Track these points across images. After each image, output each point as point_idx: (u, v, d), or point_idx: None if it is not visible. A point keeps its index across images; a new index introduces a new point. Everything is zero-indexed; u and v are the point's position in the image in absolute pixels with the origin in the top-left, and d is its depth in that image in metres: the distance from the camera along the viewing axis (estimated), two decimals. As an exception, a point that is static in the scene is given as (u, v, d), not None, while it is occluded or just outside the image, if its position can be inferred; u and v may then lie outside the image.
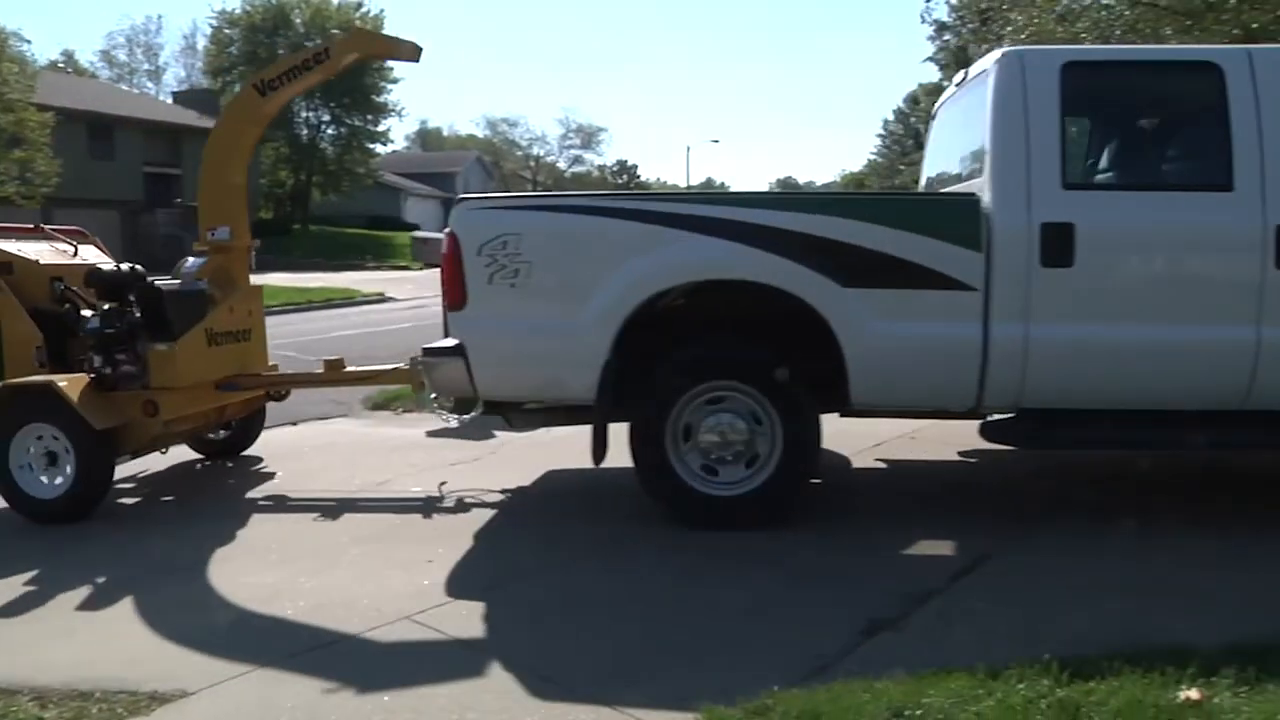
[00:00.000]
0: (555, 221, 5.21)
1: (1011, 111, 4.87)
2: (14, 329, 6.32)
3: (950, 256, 4.79)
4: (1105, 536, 4.97)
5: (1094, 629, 3.79)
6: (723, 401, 5.09)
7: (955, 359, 4.88)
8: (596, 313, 5.00)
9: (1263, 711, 3.06)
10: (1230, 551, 4.74)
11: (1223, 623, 3.82)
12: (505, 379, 5.35)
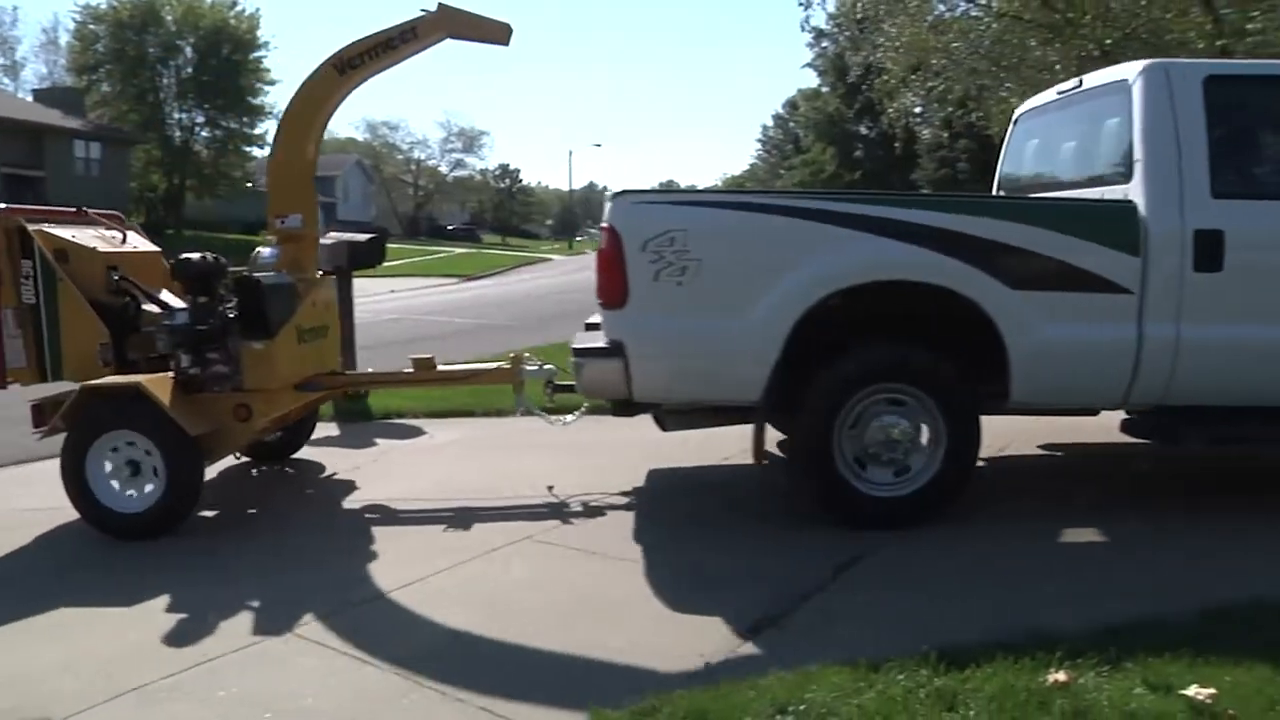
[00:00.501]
0: (726, 218, 5.07)
1: (1161, 122, 5.01)
2: (75, 324, 5.72)
3: (1110, 261, 4.91)
4: (979, 528, 5.13)
5: (969, 618, 3.91)
6: (890, 404, 5.06)
7: (1112, 359, 5.01)
8: (767, 313, 4.88)
9: (1121, 688, 3.21)
10: (1099, 541, 4.97)
11: (1087, 608, 3.98)
12: (665, 380, 5.15)
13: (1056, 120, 6.46)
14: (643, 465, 6.57)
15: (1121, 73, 5.40)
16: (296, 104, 6.12)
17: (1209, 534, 5.05)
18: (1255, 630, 3.67)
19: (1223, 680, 3.22)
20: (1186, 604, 3.97)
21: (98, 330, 5.71)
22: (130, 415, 5.32)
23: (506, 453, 7.17)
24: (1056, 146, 6.43)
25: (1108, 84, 5.54)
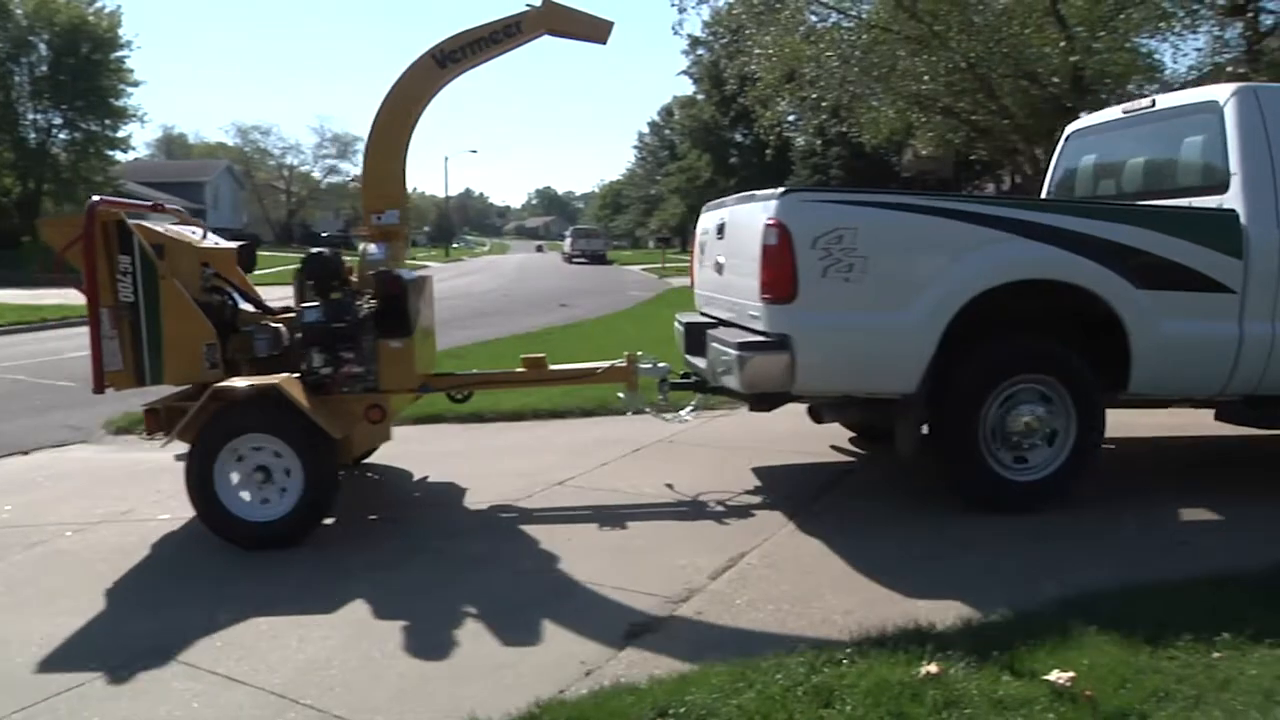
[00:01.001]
0: (891, 218, 5.26)
1: (1255, 138, 5.48)
2: (179, 323, 5.35)
3: (1220, 264, 5.35)
4: (855, 527, 5.26)
5: (845, 614, 4.00)
6: (1027, 394, 5.37)
7: (1217, 353, 5.45)
8: (926, 308, 5.14)
9: (989, 677, 3.33)
10: (975, 535, 5.11)
11: (958, 600, 4.11)
12: (828, 372, 5.29)
13: (1120, 137, 6.92)
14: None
15: (1208, 94, 5.89)
16: (393, 97, 5.95)
17: (1068, 528, 5.26)
18: (1111, 617, 3.83)
19: (1081, 664, 3.37)
20: (1050, 593, 4.14)
21: (204, 330, 5.39)
22: (267, 418, 5.10)
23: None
24: (1121, 160, 6.85)
25: (1190, 104, 6.04)
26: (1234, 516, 5.38)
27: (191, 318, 5.37)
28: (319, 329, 5.43)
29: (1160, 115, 6.42)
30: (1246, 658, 3.51)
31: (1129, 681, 3.30)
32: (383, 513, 5.92)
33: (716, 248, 6.21)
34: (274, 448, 5.12)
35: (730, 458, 6.91)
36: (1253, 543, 4.85)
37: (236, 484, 5.13)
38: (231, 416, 5.11)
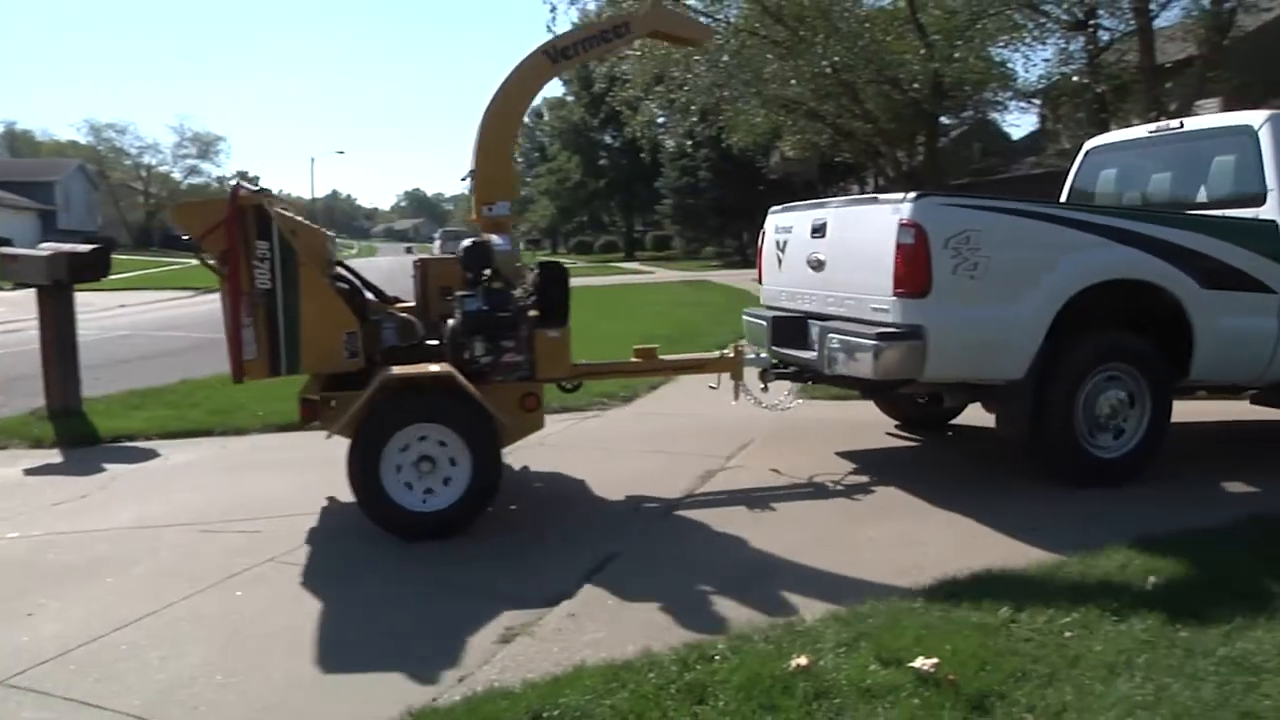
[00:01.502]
0: (1009, 222, 5.79)
1: None
2: (319, 311, 5.19)
3: (1265, 267, 6.07)
4: (722, 523, 5.33)
5: (716, 610, 4.05)
6: (1109, 381, 5.96)
7: (1261, 345, 6.15)
8: (1036, 304, 5.70)
9: (857, 666, 3.41)
10: (842, 531, 5.23)
11: (823, 593, 4.20)
12: (954, 360, 5.76)
13: (1145, 153, 7.59)
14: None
15: (1242, 119, 6.60)
16: (506, 92, 6.07)
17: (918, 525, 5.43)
18: (972, 603, 3.98)
19: (944, 650, 3.47)
20: (914, 583, 4.28)
21: (344, 318, 5.30)
22: (437, 407, 5.10)
23: (248, 472, 6.83)
24: (1145, 175, 7.52)
25: (1223, 127, 6.85)
26: (1074, 504, 5.63)
27: (332, 305, 5.30)
28: (481, 318, 5.41)
29: (1189, 136, 7.12)
30: (1094, 635, 3.70)
31: (988, 664, 3.42)
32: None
33: (810, 246, 6.56)
34: (440, 437, 5.11)
35: (603, 458, 6.92)
36: (1089, 527, 5.11)
37: (401, 474, 5.08)
38: (403, 405, 5.09)
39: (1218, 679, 3.38)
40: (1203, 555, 4.59)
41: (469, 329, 5.41)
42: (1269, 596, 4.12)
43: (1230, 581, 4.26)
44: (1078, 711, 3.15)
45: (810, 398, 8.33)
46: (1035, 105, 32.44)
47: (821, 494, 5.97)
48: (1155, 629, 3.77)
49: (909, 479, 6.25)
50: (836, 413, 8.42)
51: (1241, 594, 4.13)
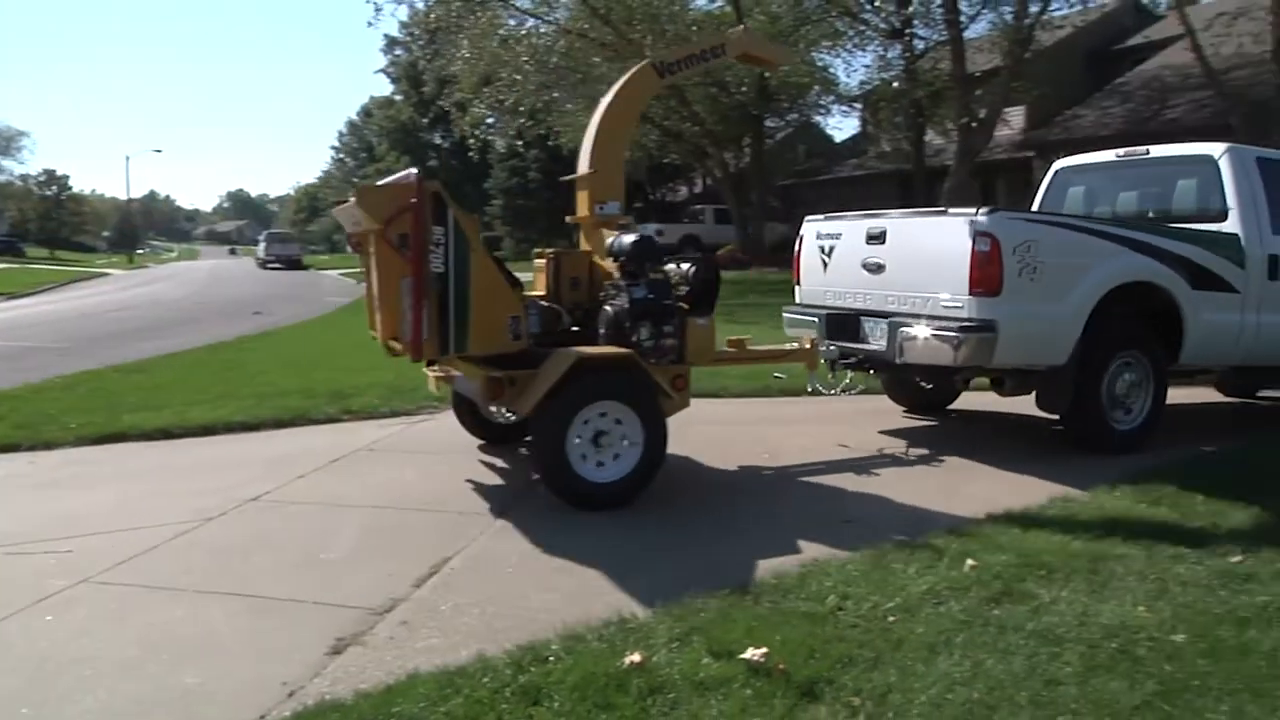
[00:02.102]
0: (1059, 233, 6.80)
1: (1244, 184, 7.44)
2: (488, 295, 5.49)
3: (1231, 271, 7.29)
4: (555, 525, 5.31)
5: (549, 611, 4.02)
6: (1127, 365, 7.08)
7: (1230, 335, 7.42)
8: (1077, 301, 6.70)
9: (690, 660, 3.46)
10: (673, 529, 5.30)
11: (656, 589, 4.23)
12: (1016, 350, 6.64)
13: (1112, 175, 8.73)
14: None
15: (1204, 150, 7.76)
16: (619, 101, 6.62)
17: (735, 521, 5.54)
18: (799, 594, 4.11)
19: (774, 640, 3.56)
20: (743, 576, 4.37)
21: (510, 302, 5.62)
22: (617, 386, 5.56)
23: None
24: (1112, 193, 8.69)
25: (1187, 155, 7.97)
26: (888, 495, 5.90)
27: (500, 290, 5.60)
28: (647, 305, 5.88)
29: (1154, 161, 8.30)
30: (915, 618, 3.86)
31: (817, 651, 3.52)
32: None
33: (866, 252, 7.35)
34: (617, 414, 5.55)
35: (435, 463, 6.81)
36: (909, 518, 5.36)
37: (580, 448, 5.48)
38: (589, 384, 5.48)
39: (1027, 651, 3.60)
40: (1013, 537, 4.88)
41: (635, 315, 5.88)
42: (1071, 571, 4.41)
43: (1038, 560, 4.52)
44: (901, 692, 3.28)
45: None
46: (856, 109, 33.69)
47: (660, 496, 6.01)
48: (972, 609, 3.97)
49: (731, 478, 6.38)
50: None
51: (1049, 570, 4.40)
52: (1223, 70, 19.86)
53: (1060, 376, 6.89)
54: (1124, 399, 7.11)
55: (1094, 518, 5.30)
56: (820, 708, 3.19)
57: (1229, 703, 3.27)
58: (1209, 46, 19.41)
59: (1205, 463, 6.82)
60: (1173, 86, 23.64)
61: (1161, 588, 4.27)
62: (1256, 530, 5.21)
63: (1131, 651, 3.63)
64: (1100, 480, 6.16)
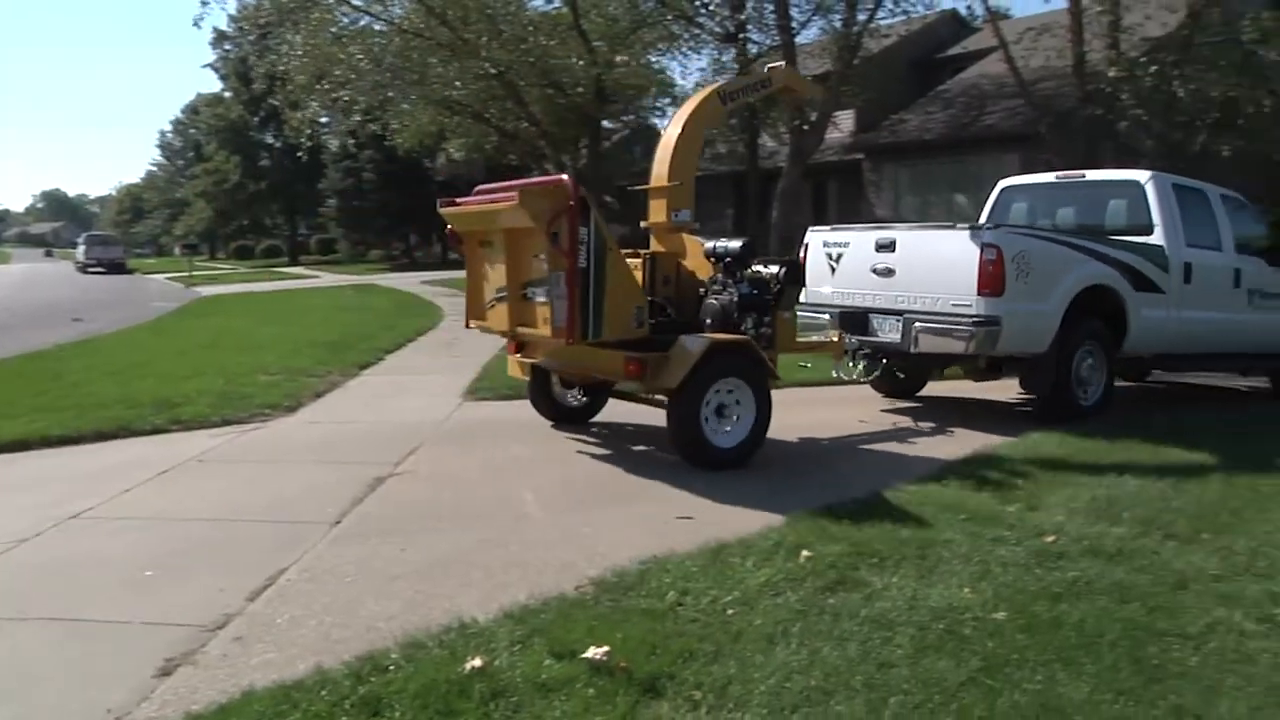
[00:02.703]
0: (1044, 245, 8.37)
1: (1166, 203, 9.14)
2: (620, 288, 6.36)
3: (1159, 275, 8.95)
4: (392, 532, 5.22)
5: (389, 619, 3.97)
6: (1089, 352, 8.67)
7: (1160, 328, 9.04)
8: (1057, 301, 8.24)
9: (532, 662, 3.46)
10: (497, 530, 5.27)
11: (495, 592, 4.24)
12: (1012, 340, 8.04)
13: (1051, 193, 10.28)
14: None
15: (1132, 175, 9.57)
16: (691, 123, 7.55)
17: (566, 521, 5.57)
18: (640, 591, 4.17)
19: (615, 638, 3.61)
20: (586, 575, 4.40)
21: (637, 295, 6.56)
22: (739, 365, 6.56)
23: None
24: (1051, 209, 10.15)
25: (1117, 180, 9.69)
26: (723, 492, 5.99)
27: (630, 283, 6.56)
28: (752, 299, 7.04)
29: (1089, 183, 10.00)
30: (754, 610, 3.97)
31: (658, 647, 3.58)
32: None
33: (875, 259, 8.69)
34: (733, 389, 6.55)
35: (270, 472, 6.61)
36: (737, 512, 5.50)
37: (709, 418, 6.47)
38: (721, 363, 6.45)
39: (860, 637, 3.75)
40: (846, 528, 5.05)
41: (742, 308, 7.02)
42: (900, 559, 4.61)
43: (870, 549, 4.71)
44: (741, 683, 3.36)
45: (478, 399, 8.32)
46: (692, 112, 34.06)
47: (498, 499, 5.98)
48: (808, 599, 4.10)
49: (549, 474, 6.41)
50: (501, 413, 8.50)
51: (880, 558, 4.59)
52: (1032, 81, 20.97)
53: (1044, 362, 8.39)
54: (1085, 381, 8.66)
55: (922, 506, 5.54)
56: (663, 703, 3.24)
57: (1043, 673, 3.50)
58: (1020, 58, 20.46)
59: (1026, 450, 7.21)
60: (989, 94, 24.81)
61: (984, 570, 4.52)
62: (1069, 511, 5.56)
63: (958, 631, 3.82)
64: (927, 471, 6.44)
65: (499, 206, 6.36)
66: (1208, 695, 3.41)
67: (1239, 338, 9.97)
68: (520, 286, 6.50)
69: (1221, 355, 10.05)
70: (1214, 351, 9.87)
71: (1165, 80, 18.25)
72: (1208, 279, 9.36)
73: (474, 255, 7.13)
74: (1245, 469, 6.73)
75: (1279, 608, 4.20)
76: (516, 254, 6.45)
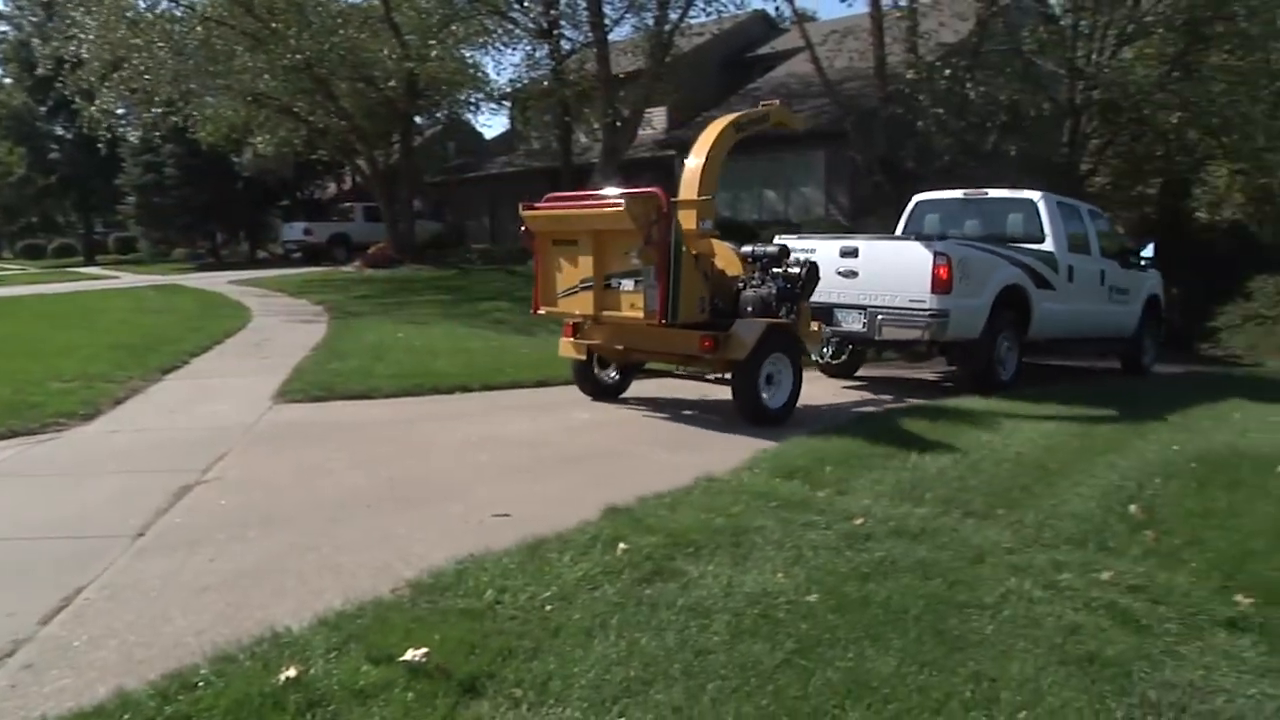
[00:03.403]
0: (979, 254, 10.47)
1: (1054, 216, 11.47)
2: (690, 281, 8.01)
3: (1053, 276, 11.21)
4: (201, 541, 5.01)
5: (198, 634, 3.82)
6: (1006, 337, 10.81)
7: (1055, 318, 11.27)
8: (986, 297, 10.31)
9: (348, 669, 3.40)
10: (312, 536, 5.14)
11: (310, 599, 4.15)
12: (957, 328, 10.06)
13: (960, 208, 12.52)
14: None
15: (1026, 195, 11.82)
16: (713, 149, 8.83)
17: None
18: (456, 592, 4.16)
19: (433, 639, 3.58)
20: (400, 578, 4.34)
21: (702, 286, 8.21)
22: (784, 343, 8.45)
23: None
24: (960, 221, 12.38)
25: (1014, 198, 11.94)
26: (550, 487, 6.13)
27: (697, 277, 8.15)
28: (786, 291, 8.82)
29: (992, 200, 12.22)
30: (572, 605, 4.02)
31: (477, 647, 3.58)
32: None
33: (840, 263, 10.56)
34: (778, 362, 8.42)
35: (65, 484, 6.23)
36: (555, 507, 5.54)
37: (763, 385, 8.26)
38: (772, 341, 8.21)
39: (678, 626, 3.85)
40: (662, 519, 5.16)
41: (779, 299, 8.71)
42: (716, 547, 4.75)
43: (686, 538, 4.83)
44: (561, 679, 3.40)
45: (290, 401, 8.09)
46: (505, 107, 34.03)
47: (311, 503, 5.83)
48: (625, 591, 4.18)
49: (363, 476, 6.32)
50: (313, 415, 8.30)
51: (696, 547, 4.72)
52: (837, 81, 21.81)
53: (977, 346, 10.47)
54: (1004, 360, 10.78)
55: (736, 495, 5.71)
56: (483, 703, 3.25)
57: (853, 650, 3.68)
58: (825, 59, 21.24)
59: (836, 436, 7.53)
60: (797, 93, 25.65)
61: (797, 554, 4.70)
62: (875, 494, 5.84)
63: (772, 615, 3.97)
64: (741, 461, 6.63)
65: (602, 210, 7.89)
66: (1001, 659, 3.65)
67: (1102, 325, 12.63)
68: (605, 278, 8.05)
69: (1089, 340, 12.78)
70: (1085, 336, 12.49)
71: (959, 83, 19.32)
72: (1084, 278, 11.80)
73: (546, 252, 8.52)
74: (1039, 448, 7.27)
75: (1062, 575, 4.55)
76: (603, 251, 8.01)
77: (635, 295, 7.83)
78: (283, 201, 45.86)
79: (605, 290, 8.06)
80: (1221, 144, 20.19)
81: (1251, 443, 8.08)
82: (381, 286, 23.50)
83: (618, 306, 8.03)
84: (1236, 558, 4.88)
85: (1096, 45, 19.66)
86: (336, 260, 33.70)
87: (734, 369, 8.21)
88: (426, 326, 15.78)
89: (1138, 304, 13.28)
